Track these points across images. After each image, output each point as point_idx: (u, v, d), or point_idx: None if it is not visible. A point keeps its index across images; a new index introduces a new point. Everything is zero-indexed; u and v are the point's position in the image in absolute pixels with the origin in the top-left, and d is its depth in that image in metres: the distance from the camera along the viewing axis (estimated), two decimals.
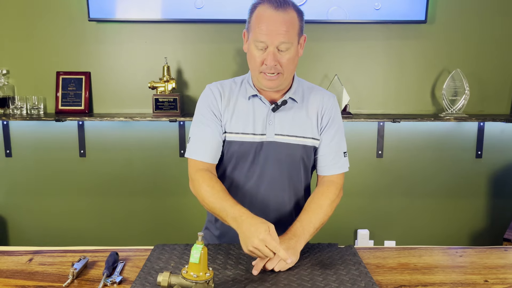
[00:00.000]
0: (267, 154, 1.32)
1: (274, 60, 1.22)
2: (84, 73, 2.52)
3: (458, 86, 2.44)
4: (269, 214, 1.36)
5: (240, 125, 1.32)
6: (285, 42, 1.21)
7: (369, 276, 1.10)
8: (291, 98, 1.34)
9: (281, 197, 1.37)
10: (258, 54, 1.24)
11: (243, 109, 1.33)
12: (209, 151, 1.31)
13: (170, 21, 2.45)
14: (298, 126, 1.33)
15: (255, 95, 1.33)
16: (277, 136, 1.31)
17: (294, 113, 1.34)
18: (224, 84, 1.39)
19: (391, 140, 2.60)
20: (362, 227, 2.69)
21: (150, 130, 2.57)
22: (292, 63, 1.26)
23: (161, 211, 2.65)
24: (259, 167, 1.33)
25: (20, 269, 1.17)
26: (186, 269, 0.97)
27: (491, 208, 2.67)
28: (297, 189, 1.39)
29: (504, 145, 2.60)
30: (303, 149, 1.33)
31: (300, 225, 1.23)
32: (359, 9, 2.40)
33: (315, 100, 1.36)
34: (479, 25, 2.49)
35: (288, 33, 1.20)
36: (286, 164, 1.33)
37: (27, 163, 2.60)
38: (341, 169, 1.37)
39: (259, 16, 1.22)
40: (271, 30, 1.19)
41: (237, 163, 1.34)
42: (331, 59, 2.53)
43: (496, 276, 1.15)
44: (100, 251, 1.28)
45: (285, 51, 1.23)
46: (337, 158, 1.36)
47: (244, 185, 1.35)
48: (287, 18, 1.21)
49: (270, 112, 1.32)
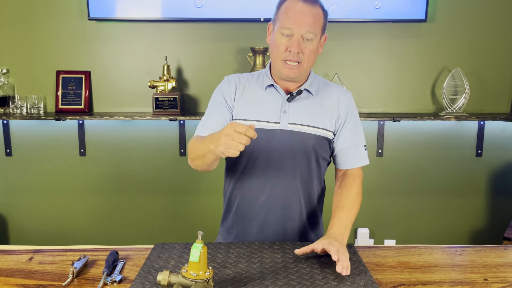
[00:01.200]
0: (280, 142, 1.33)
1: (298, 47, 1.26)
2: (84, 72, 2.52)
3: (458, 85, 2.44)
4: (278, 201, 1.37)
5: (254, 112, 1.34)
6: (310, 32, 1.25)
7: (368, 275, 1.11)
8: (307, 89, 1.36)
9: (291, 185, 1.37)
10: (283, 41, 1.27)
11: (258, 97, 1.36)
12: (209, 130, 1.30)
13: (170, 20, 2.45)
14: (312, 117, 1.34)
15: (271, 85, 1.36)
16: (291, 125, 1.33)
17: (309, 104, 1.36)
18: (242, 75, 1.43)
19: (391, 139, 2.60)
20: (362, 226, 2.69)
21: (150, 129, 2.57)
22: (313, 55, 1.30)
23: (161, 210, 2.65)
24: (271, 155, 1.34)
25: (20, 268, 1.17)
26: (186, 268, 0.97)
27: (491, 207, 2.67)
28: (308, 179, 1.39)
29: (504, 144, 2.60)
30: (316, 139, 1.35)
31: (341, 224, 1.26)
32: (359, 8, 2.40)
33: (331, 95, 1.39)
34: (479, 24, 2.49)
35: (314, 25, 1.26)
36: (298, 153, 1.34)
37: (27, 162, 2.60)
38: (362, 162, 1.41)
39: (288, 7, 1.27)
40: (299, 18, 1.25)
41: (250, 150, 1.32)
42: (331, 58, 2.53)
43: (496, 274, 1.15)
44: (100, 250, 1.28)
45: (309, 41, 1.27)
46: (358, 152, 1.40)
47: (256, 172, 1.36)
48: (314, 11, 1.26)
49: (285, 102, 1.34)
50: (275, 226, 1.39)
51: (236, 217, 1.43)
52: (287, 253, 1.24)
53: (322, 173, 1.43)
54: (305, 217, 1.41)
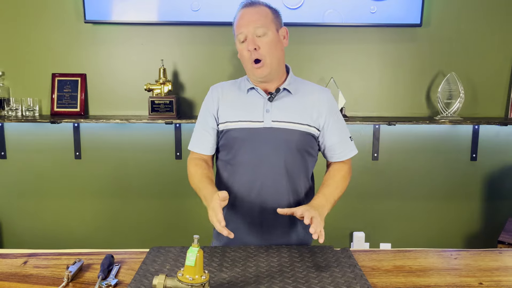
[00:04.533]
0: (265, 140, 1.39)
1: (252, 44, 1.35)
2: (79, 75, 2.51)
3: (453, 89, 2.46)
4: (266, 198, 1.41)
5: (238, 113, 1.42)
6: (259, 26, 1.35)
7: (364, 279, 1.11)
8: (286, 89, 1.43)
9: (279, 181, 1.41)
10: (242, 46, 1.38)
11: (241, 101, 1.44)
12: (203, 144, 1.47)
13: (166, 23, 2.45)
14: (293, 114, 1.41)
15: (252, 87, 1.44)
16: (274, 123, 1.39)
17: (290, 102, 1.43)
18: (225, 83, 1.52)
19: (387, 142, 2.61)
20: (358, 230, 2.69)
21: (146, 132, 2.57)
22: (273, 48, 1.37)
23: (157, 213, 2.64)
24: (257, 152, 1.40)
25: (14, 272, 1.16)
26: (182, 272, 0.97)
27: (485, 211, 2.68)
28: (294, 175, 1.43)
29: (499, 148, 2.62)
30: (299, 135, 1.40)
31: (324, 197, 1.35)
32: (354, 12, 2.41)
33: (310, 94, 1.46)
34: (474, 29, 2.51)
35: (260, 20, 1.36)
36: (283, 149, 1.40)
37: (22, 165, 2.59)
38: (351, 154, 1.49)
39: (236, 19, 1.41)
40: (245, 21, 1.37)
41: (237, 149, 1.42)
42: (327, 62, 2.54)
43: (491, 278, 1.15)
44: (95, 254, 1.28)
45: (262, 36, 1.35)
46: (345, 145, 1.47)
47: (245, 170, 1.42)
48: (257, 10, 1.38)
49: (266, 102, 1.42)
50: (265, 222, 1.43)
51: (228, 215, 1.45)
52: (283, 257, 1.24)
53: (309, 168, 1.48)
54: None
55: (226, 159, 1.45)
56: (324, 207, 1.31)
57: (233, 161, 1.43)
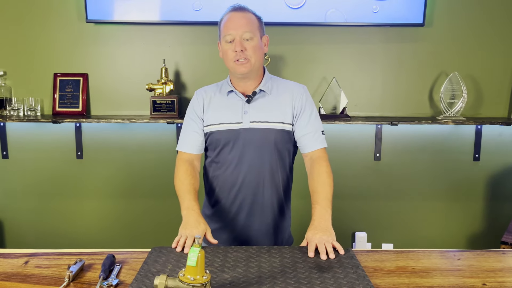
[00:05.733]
0: (245, 140, 1.50)
1: (240, 46, 1.44)
2: (81, 75, 2.51)
3: (456, 89, 2.45)
4: (248, 195, 1.53)
5: (219, 116, 1.52)
6: (247, 31, 1.45)
7: (367, 280, 1.10)
8: (262, 90, 1.53)
9: (259, 176, 1.52)
10: (228, 47, 1.47)
11: (221, 104, 1.55)
12: (189, 144, 1.56)
13: (168, 23, 2.45)
14: (270, 114, 1.51)
15: (231, 90, 1.54)
16: (252, 123, 1.50)
17: (266, 102, 1.53)
18: (208, 87, 1.62)
19: (389, 143, 2.60)
20: (360, 230, 2.68)
21: (148, 132, 2.57)
22: (257, 51, 1.48)
23: (159, 213, 2.64)
24: (238, 152, 1.51)
25: (15, 272, 1.16)
26: (183, 272, 0.97)
27: (488, 211, 2.67)
28: (274, 170, 1.53)
29: (502, 148, 2.61)
30: (276, 133, 1.50)
31: (321, 207, 1.40)
32: (357, 12, 2.41)
33: (285, 91, 1.55)
34: (476, 28, 2.50)
35: (248, 25, 1.46)
36: (262, 147, 1.50)
37: (24, 165, 2.59)
38: (322, 144, 1.54)
39: (224, 20, 1.50)
40: (235, 24, 1.46)
41: (220, 150, 1.53)
42: (329, 61, 2.53)
43: (495, 279, 1.14)
44: (96, 254, 1.27)
45: (249, 40, 1.46)
46: (316, 135, 1.54)
47: (226, 169, 1.53)
48: (246, 15, 1.48)
49: (245, 104, 1.52)
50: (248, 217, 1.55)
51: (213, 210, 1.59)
52: (285, 257, 1.24)
53: (287, 162, 1.58)
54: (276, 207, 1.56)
55: (211, 157, 1.57)
56: (324, 216, 1.37)
57: (217, 159, 1.55)
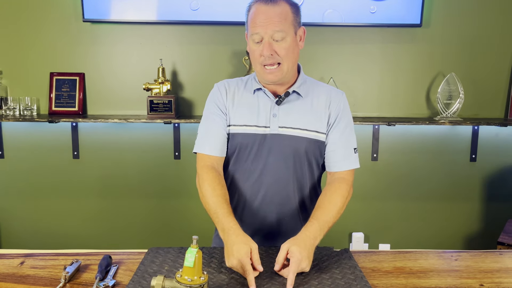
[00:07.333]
0: (271, 147, 1.31)
1: (269, 50, 1.24)
2: (78, 74, 2.50)
3: (453, 90, 2.45)
4: (272, 209, 1.35)
5: (243, 117, 1.33)
6: (279, 31, 1.23)
7: (364, 280, 1.10)
8: (296, 91, 1.34)
9: (285, 191, 1.34)
10: (255, 47, 1.27)
11: (247, 102, 1.34)
12: (213, 144, 1.33)
13: (165, 22, 2.44)
14: (302, 120, 1.32)
15: (259, 88, 1.34)
16: (281, 129, 1.31)
17: (299, 106, 1.33)
18: (231, 81, 1.41)
19: (386, 143, 2.60)
20: (357, 230, 2.69)
21: (145, 132, 2.56)
22: (290, 53, 1.27)
23: (156, 214, 2.63)
24: (262, 160, 1.32)
25: (11, 273, 1.15)
26: (181, 273, 0.96)
27: (485, 212, 2.68)
28: (302, 185, 1.36)
29: (499, 149, 2.61)
30: (307, 142, 1.32)
31: (318, 224, 1.20)
32: (354, 12, 2.41)
33: (321, 96, 1.36)
34: (474, 29, 2.51)
35: (281, 22, 1.23)
36: (290, 157, 1.32)
37: (20, 164, 2.57)
38: (351, 165, 1.35)
39: (252, 12, 1.27)
40: (263, 21, 1.23)
41: (240, 155, 1.34)
42: (327, 62, 2.53)
43: (492, 280, 1.15)
44: (93, 254, 1.27)
45: (280, 41, 1.24)
46: (347, 154, 1.34)
47: (247, 178, 1.35)
48: (278, 10, 1.24)
49: (274, 105, 1.32)
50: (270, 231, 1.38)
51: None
52: None
53: (316, 179, 1.40)
54: (301, 223, 1.37)
55: (225, 166, 1.38)
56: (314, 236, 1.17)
57: (234, 168, 1.36)
